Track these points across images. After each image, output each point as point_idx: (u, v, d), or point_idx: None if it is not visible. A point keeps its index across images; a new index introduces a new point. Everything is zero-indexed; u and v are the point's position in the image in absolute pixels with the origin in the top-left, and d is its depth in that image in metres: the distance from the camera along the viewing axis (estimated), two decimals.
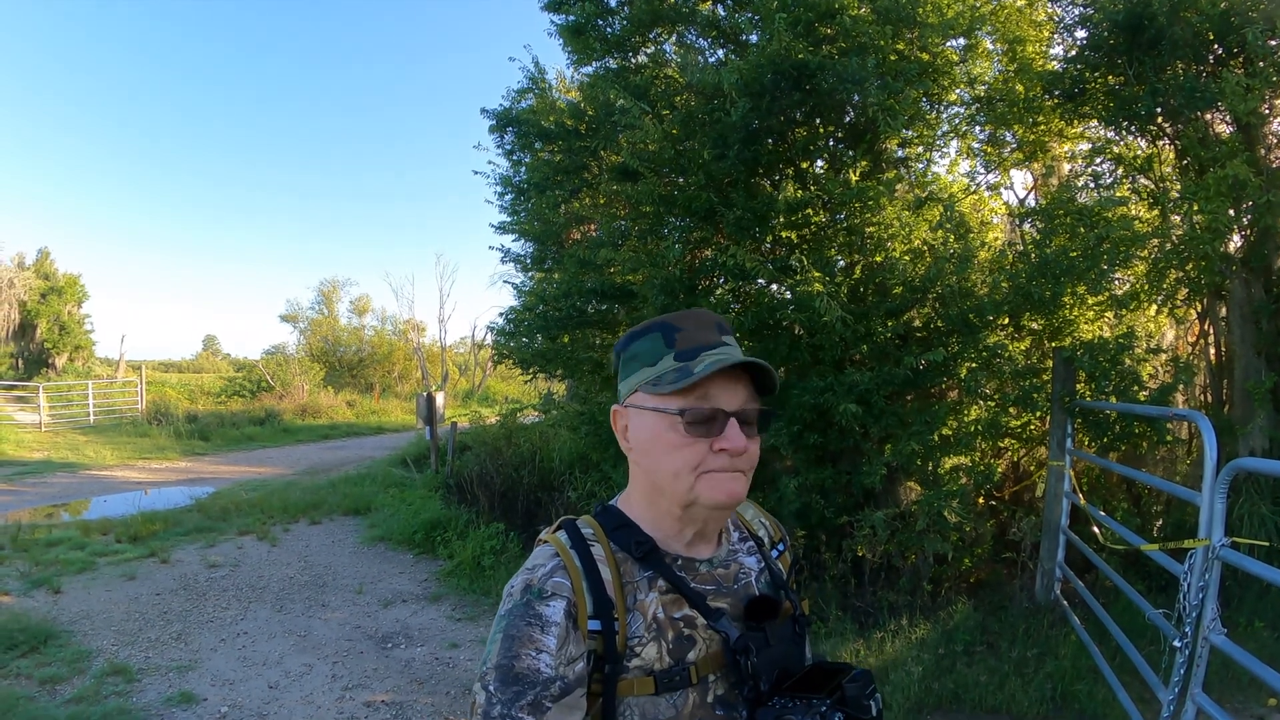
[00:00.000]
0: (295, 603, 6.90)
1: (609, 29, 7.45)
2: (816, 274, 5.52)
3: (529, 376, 9.91)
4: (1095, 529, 5.42)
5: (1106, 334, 6.21)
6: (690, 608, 1.21)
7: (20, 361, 32.38)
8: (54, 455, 16.70)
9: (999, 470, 6.31)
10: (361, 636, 6.11)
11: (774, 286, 6.59)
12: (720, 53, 7.22)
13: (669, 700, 1.16)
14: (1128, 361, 5.65)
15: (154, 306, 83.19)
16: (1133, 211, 6.29)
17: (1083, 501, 5.36)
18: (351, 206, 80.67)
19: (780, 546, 1.46)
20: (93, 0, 77.47)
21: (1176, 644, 3.41)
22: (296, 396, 25.95)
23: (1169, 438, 5.97)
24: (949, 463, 6.18)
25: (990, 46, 6.74)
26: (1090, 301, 6.13)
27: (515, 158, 10.03)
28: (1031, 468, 6.68)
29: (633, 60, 7.63)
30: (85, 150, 78.14)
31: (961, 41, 6.56)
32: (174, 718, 4.75)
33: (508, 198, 10.57)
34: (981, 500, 6.32)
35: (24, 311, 31.43)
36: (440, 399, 12.92)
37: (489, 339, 12.79)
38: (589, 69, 8.15)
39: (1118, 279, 6.20)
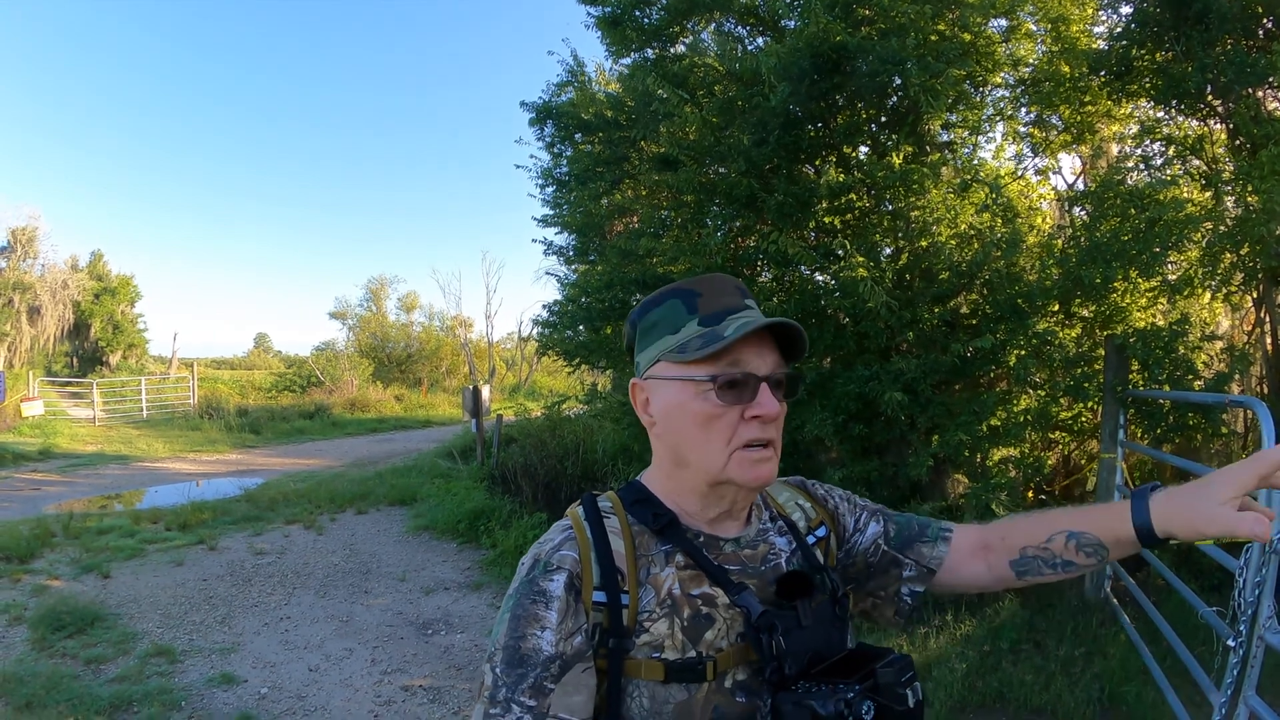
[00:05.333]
0: (339, 589, 6.99)
1: (645, 19, 7.42)
2: (860, 259, 5.43)
3: (573, 369, 9.93)
4: None
5: (1160, 321, 6.02)
6: (711, 584, 1.13)
7: (75, 359, 33.29)
8: (107, 448, 17.10)
9: (1049, 463, 6.15)
10: (403, 623, 6.16)
11: (818, 276, 6.51)
12: (759, 40, 7.16)
13: (681, 684, 1.08)
14: (1182, 349, 5.46)
15: (207, 306, 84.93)
16: (1185, 193, 6.08)
17: None
18: (400, 208, 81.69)
19: (820, 531, 1.33)
20: (151, 29, 79.07)
21: (1230, 643, 3.27)
22: (346, 391, 26.32)
23: (1224, 430, 5.77)
24: (998, 454, 6.02)
25: (1033, 28, 6.59)
26: (1143, 287, 5.95)
27: (556, 150, 10.02)
28: (1082, 461, 6.50)
29: (670, 50, 7.59)
30: (144, 159, 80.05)
31: (1003, 22, 6.43)
32: (214, 698, 4.83)
33: (549, 190, 10.57)
34: (1031, 494, 6.17)
35: (78, 311, 32.25)
36: (486, 392, 13.02)
37: (534, 333, 12.91)
38: (627, 60, 8.13)
39: (1171, 263, 5.99)
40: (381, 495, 11.02)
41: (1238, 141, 5.92)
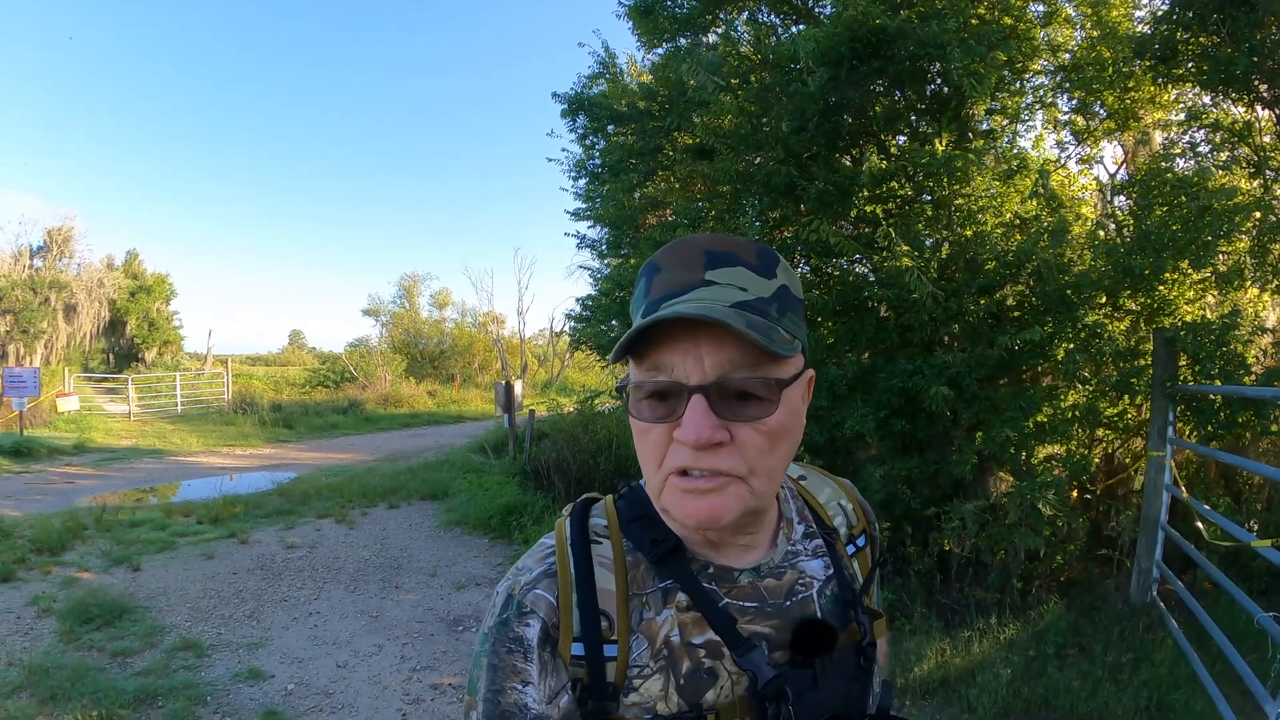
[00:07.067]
0: (369, 584, 6.96)
1: (678, 8, 7.33)
2: (905, 248, 5.30)
3: (606, 364, 9.86)
4: (1199, 524, 5.08)
5: (1208, 314, 5.82)
6: (716, 633, 0.93)
7: (111, 356, 33.73)
8: (141, 443, 17.32)
9: (1094, 461, 5.98)
10: (433, 619, 6.11)
11: (859, 267, 6.38)
12: (794, 29, 7.03)
13: None
14: (1232, 343, 5.27)
15: (241, 304, 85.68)
16: (1234, 181, 5.89)
17: (1185, 494, 5.02)
18: (433, 205, 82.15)
19: (860, 541, 1.13)
20: (183, 25, 79.96)
21: None
22: (379, 387, 26.60)
23: (1274, 428, 5.57)
24: (1043, 452, 5.87)
25: (1072, 13, 6.44)
26: (1193, 278, 5.76)
27: (588, 142, 9.97)
28: (1126, 459, 6.32)
29: (703, 39, 7.49)
30: (179, 159, 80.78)
31: (1041, 8, 6.29)
32: (240, 693, 4.80)
33: (581, 183, 10.52)
34: (1075, 494, 6.00)
35: (114, 309, 32.73)
36: (518, 387, 13.02)
37: (567, 327, 12.92)
38: (659, 51, 8.05)
39: (1221, 254, 5.80)
40: (413, 490, 11.03)
41: None
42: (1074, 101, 6.65)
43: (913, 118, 6.34)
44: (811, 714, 0.91)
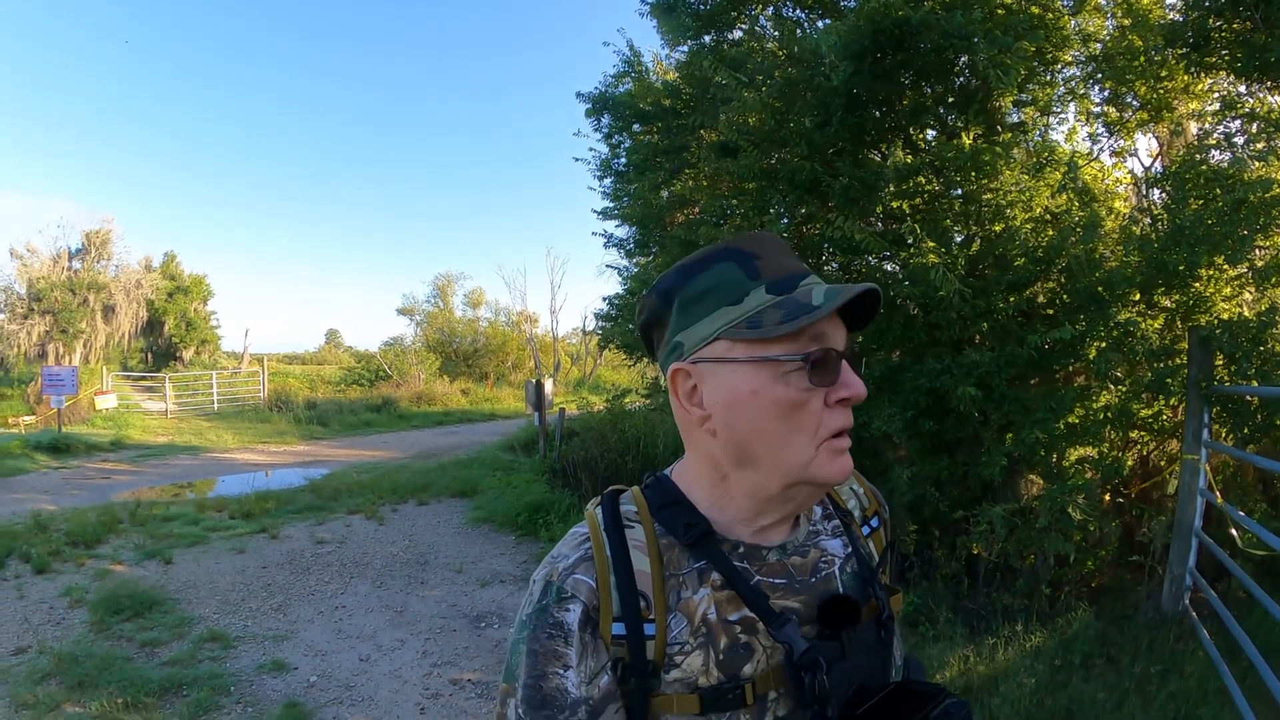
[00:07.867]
0: (395, 579, 7.02)
1: (701, 5, 7.29)
2: (931, 244, 5.21)
3: (633, 362, 9.86)
4: (1233, 531, 4.94)
5: (1245, 312, 5.66)
6: (750, 609, 0.99)
7: (149, 355, 34.44)
8: (177, 439, 17.62)
9: (1128, 464, 5.85)
10: (456, 615, 6.15)
11: (886, 265, 6.31)
12: (819, 25, 6.97)
13: (717, 713, 0.95)
14: (1271, 342, 5.12)
15: (279, 304, 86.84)
16: (1270, 173, 5.71)
17: (1220, 500, 4.88)
18: (466, 207, 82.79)
19: (874, 522, 1.20)
20: (212, 41, 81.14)
21: None
22: (413, 385, 26.89)
23: None
24: (1074, 454, 5.74)
25: (1102, 2, 6.31)
26: (1230, 274, 5.60)
27: (614, 141, 9.96)
28: (1161, 463, 6.17)
29: (727, 36, 7.45)
30: (219, 165, 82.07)
31: None
32: (264, 684, 4.87)
33: (608, 182, 10.52)
34: (1107, 497, 5.87)
35: (152, 310, 33.43)
36: (549, 385, 13.05)
37: (596, 326, 13.02)
38: (684, 49, 8.02)
39: (1258, 249, 5.63)
40: (443, 487, 11.12)
41: None
42: (1106, 92, 6.51)
43: (940, 110, 6.24)
44: (841, 685, 0.96)
